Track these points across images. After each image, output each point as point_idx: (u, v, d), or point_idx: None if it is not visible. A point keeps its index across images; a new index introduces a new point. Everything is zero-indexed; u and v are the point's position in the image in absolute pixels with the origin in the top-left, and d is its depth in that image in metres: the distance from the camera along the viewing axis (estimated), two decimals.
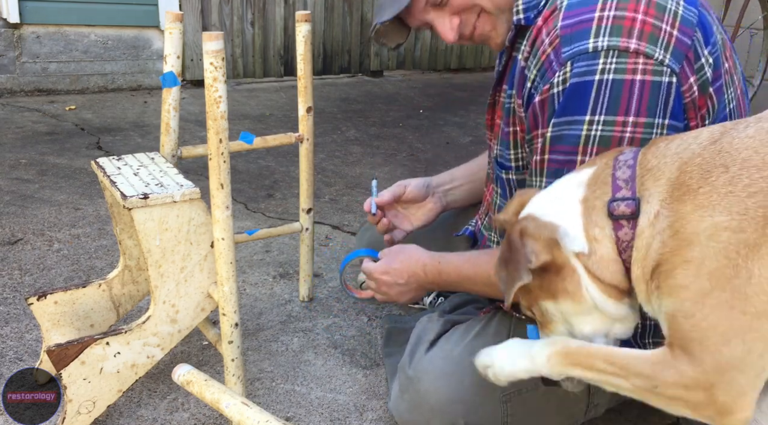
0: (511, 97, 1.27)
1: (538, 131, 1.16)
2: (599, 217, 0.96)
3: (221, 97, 1.24)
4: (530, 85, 1.16)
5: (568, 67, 1.08)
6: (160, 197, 1.32)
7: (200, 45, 4.74)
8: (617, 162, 0.98)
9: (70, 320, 1.50)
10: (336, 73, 5.53)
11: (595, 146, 1.09)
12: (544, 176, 1.16)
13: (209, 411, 1.49)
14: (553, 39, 1.11)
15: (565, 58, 1.09)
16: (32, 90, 4.35)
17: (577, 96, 1.08)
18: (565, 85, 1.09)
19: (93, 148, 3.34)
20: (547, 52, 1.12)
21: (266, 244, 2.36)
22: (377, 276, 1.45)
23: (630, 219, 0.93)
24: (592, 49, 1.07)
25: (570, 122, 1.10)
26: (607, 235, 0.95)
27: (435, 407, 1.28)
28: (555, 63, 1.10)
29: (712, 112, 1.13)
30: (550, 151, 1.14)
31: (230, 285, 1.36)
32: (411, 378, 1.33)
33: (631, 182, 0.94)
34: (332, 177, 3.14)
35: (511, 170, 1.32)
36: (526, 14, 1.21)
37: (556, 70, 1.10)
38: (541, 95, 1.13)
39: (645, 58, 1.05)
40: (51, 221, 2.43)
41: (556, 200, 1.01)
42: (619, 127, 1.07)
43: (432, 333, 1.43)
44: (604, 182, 0.97)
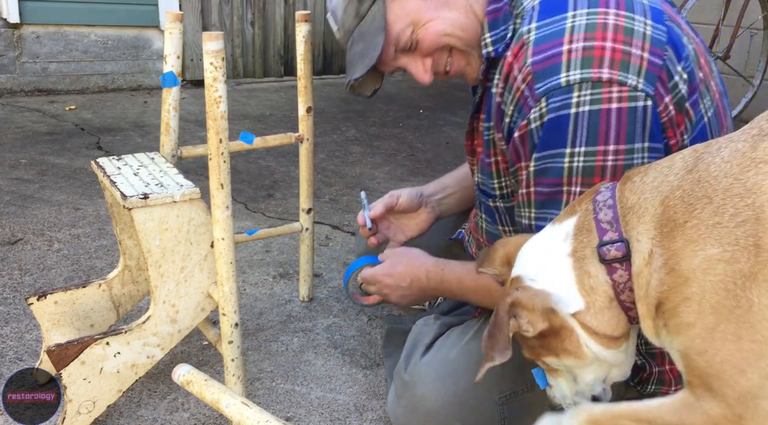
0: (489, 129, 1.28)
1: (521, 163, 1.17)
2: (591, 265, 0.95)
3: (221, 97, 1.24)
4: (508, 120, 1.16)
5: (543, 102, 1.08)
6: (160, 197, 1.32)
7: (200, 45, 4.74)
8: (597, 204, 0.97)
9: (70, 320, 1.50)
10: (336, 74, 5.53)
11: (579, 176, 1.09)
12: (532, 207, 1.17)
13: (209, 411, 1.49)
14: (526, 75, 1.11)
15: (539, 94, 1.08)
16: (32, 90, 4.35)
17: (555, 130, 1.08)
18: (543, 120, 1.09)
19: (93, 148, 3.34)
20: (521, 88, 1.12)
21: (266, 244, 2.36)
22: (380, 278, 1.45)
23: (623, 261, 0.93)
24: (564, 83, 1.06)
25: (552, 156, 1.10)
26: (601, 281, 0.95)
27: (431, 411, 1.28)
28: (530, 99, 1.10)
29: (690, 127, 1.13)
30: (535, 184, 1.14)
31: (230, 285, 1.36)
32: (407, 382, 1.33)
33: (615, 224, 0.94)
34: (332, 177, 3.14)
35: (496, 198, 1.33)
36: (495, 47, 1.21)
37: (531, 105, 1.10)
38: (519, 130, 1.13)
39: (618, 86, 1.05)
40: (51, 221, 2.43)
41: (544, 261, 1.00)
42: (600, 156, 1.07)
43: (428, 336, 1.42)
44: (588, 228, 0.97)
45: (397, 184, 3.09)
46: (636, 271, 0.91)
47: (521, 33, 1.14)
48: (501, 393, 1.30)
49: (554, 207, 1.13)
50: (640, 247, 0.91)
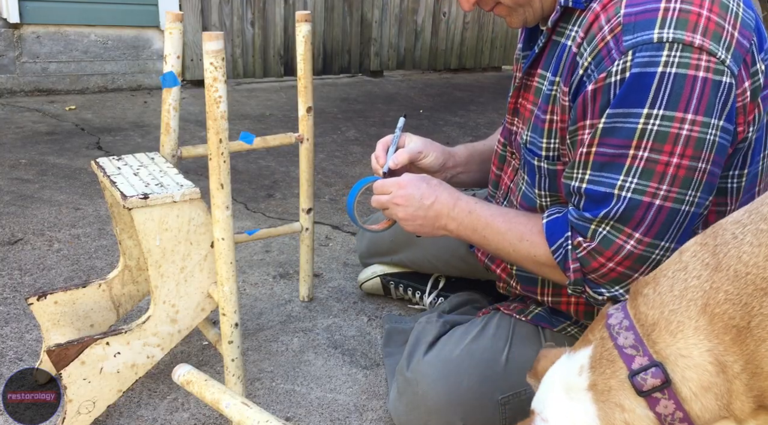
0: (553, 83, 1.21)
1: (586, 121, 1.11)
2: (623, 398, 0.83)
3: (221, 97, 1.24)
4: (582, 72, 1.10)
5: (629, 56, 1.03)
6: (160, 197, 1.32)
7: (200, 45, 4.74)
8: (612, 329, 0.87)
9: (70, 320, 1.50)
10: (336, 73, 5.53)
11: (651, 141, 1.04)
12: (588, 169, 1.11)
13: (209, 411, 1.49)
14: (615, 26, 1.06)
15: (626, 47, 1.04)
16: (32, 90, 4.35)
17: (636, 87, 1.03)
18: (624, 74, 1.04)
19: (93, 148, 3.34)
20: (606, 39, 1.07)
21: (266, 244, 2.36)
22: (392, 188, 1.34)
23: (664, 389, 0.81)
24: (656, 39, 1.02)
25: (626, 115, 1.05)
26: (640, 416, 0.82)
27: (433, 409, 1.28)
28: (614, 51, 1.05)
29: (757, 120, 1.10)
30: (600, 143, 1.09)
31: (230, 285, 1.36)
32: (409, 380, 1.33)
33: (641, 346, 0.83)
34: (332, 177, 3.14)
35: (542, 158, 1.27)
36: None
37: (615, 58, 1.05)
38: (594, 84, 1.08)
39: (708, 56, 1.02)
40: (51, 221, 2.43)
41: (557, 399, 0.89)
42: (677, 123, 1.03)
43: (430, 334, 1.42)
44: (609, 358, 0.86)
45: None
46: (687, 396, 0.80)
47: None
48: (503, 394, 1.30)
49: (613, 171, 1.08)
50: (690, 362, 0.80)
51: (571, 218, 1.17)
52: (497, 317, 1.41)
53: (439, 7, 5.95)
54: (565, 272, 1.19)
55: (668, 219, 1.08)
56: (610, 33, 1.06)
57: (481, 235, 1.30)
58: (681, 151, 1.04)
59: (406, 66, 5.92)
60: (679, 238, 1.11)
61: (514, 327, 1.38)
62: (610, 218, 1.10)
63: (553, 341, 1.37)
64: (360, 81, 5.57)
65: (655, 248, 1.10)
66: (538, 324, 1.39)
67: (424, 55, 5.97)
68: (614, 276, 1.13)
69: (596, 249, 1.12)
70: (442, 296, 1.87)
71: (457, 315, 1.56)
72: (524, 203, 1.34)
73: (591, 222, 1.12)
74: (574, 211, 1.16)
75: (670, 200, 1.07)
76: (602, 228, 1.11)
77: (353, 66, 5.59)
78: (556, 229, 1.19)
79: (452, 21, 6.06)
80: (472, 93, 5.30)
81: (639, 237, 1.09)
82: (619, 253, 1.11)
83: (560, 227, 1.19)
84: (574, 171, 1.15)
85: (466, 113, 4.56)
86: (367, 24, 5.55)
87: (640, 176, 1.07)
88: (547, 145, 1.25)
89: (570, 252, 1.16)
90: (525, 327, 1.39)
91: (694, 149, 1.04)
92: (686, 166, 1.05)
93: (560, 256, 1.18)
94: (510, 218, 1.28)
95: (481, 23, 6.24)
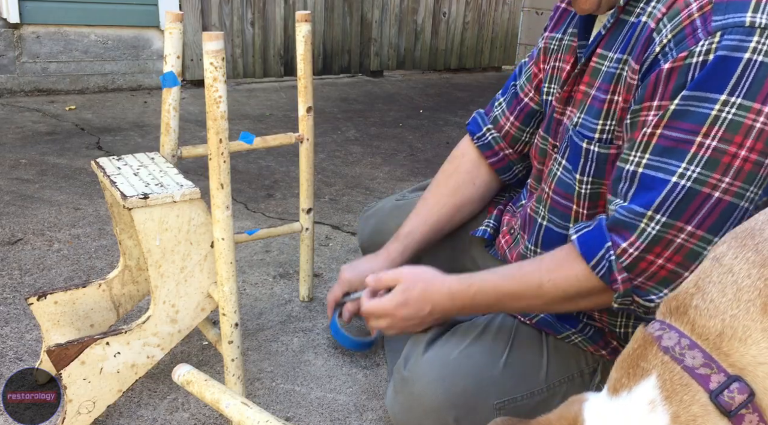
0: (620, 62, 1.15)
1: (653, 102, 1.05)
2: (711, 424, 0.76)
3: (221, 97, 1.24)
4: (659, 50, 1.04)
5: (717, 37, 0.98)
6: (160, 197, 1.32)
7: (200, 45, 4.74)
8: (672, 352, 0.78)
9: (70, 320, 1.50)
10: (336, 73, 5.53)
11: (722, 130, 0.99)
12: (648, 153, 1.05)
13: (209, 411, 1.49)
14: (705, 4, 1.01)
15: (715, 28, 0.98)
16: (32, 90, 4.35)
17: (719, 71, 0.98)
18: (708, 56, 0.98)
19: (93, 148, 3.34)
20: (693, 16, 1.01)
21: (266, 244, 2.36)
22: (392, 311, 1.30)
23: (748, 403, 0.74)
24: (749, 23, 0.96)
25: (702, 99, 1.00)
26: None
27: (428, 409, 1.27)
28: (701, 31, 0.99)
29: None
30: (666, 126, 1.03)
31: (230, 285, 1.36)
32: (405, 379, 1.32)
33: (713, 362, 0.76)
34: (332, 177, 3.14)
35: (593, 140, 1.19)
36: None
37: (700, 38, 0.99)
38: (672, 63, 1.02)
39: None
40: (51, 221, 2.43)
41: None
42: (753, 114, 0.98)
43: (430, 332, 1.41)
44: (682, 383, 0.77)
45: (397, 184, 3.09)
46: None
47: None
48: (499, 399, 1.28)
49: (676, 157, 1.02)
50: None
51: (617, 216, 1.08)
52: (500, 318, 1.40)
53: (439, 7, 5.95)
54: (611, 285, 1.10)
55: (724, 214, 1.02)
56: (699, 11, 1.01)
57: (499, 306, 1.25)
58: (751, 144, 0.98)
59: (406, 66, 5.92)
60: None
61: (516, 330, 1.36)
62: (665, 209, 1.03)
63: (555, 347, 1.36)
64: (360, 81, 5.57)
65: (708, 244, 1.04)
66: (542, 329, 1.37)
67: (424, 55, 5.97)
68: (664, 275, 1.06)
69: (644, 249, 1.05)
70: None
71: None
72: (559, 189, 1.28)
73: (642, 217, 1.05)
74: (620, 206, 1.08)
75: (730, 193, 1.01)
76: (653, 224, 1.04)
77: (353, 66, 5.59)
78: (593, 242, 1.11)
79: (452, 21, 6.06)
80: (472, 93, 5.30)
81: (691, 230, 1.03)
82: (668, 247, 1.04)
83: (598, 238, 1.10)
84: (631, 153, 1.07)
85: (466, 113, 4.56)
86: (367, 24, 5.55)
87: (704, 166, 1.00)
88: (602, 126, 1.18)
89: (614, 263, 1.08)
90: (528, 330, 1.36)
91: (765, 144, 0.98)
92: (753, 160, 0.99)
93: (603, 269, 1.09)
94: (516, 274, 1.21)
95: (481, 23, 6.25)
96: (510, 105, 1.55)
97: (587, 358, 1.36)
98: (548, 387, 1.33)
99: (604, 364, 1.37)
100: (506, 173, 1.59)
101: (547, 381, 1.32)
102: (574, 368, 1.35)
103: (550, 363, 1.34)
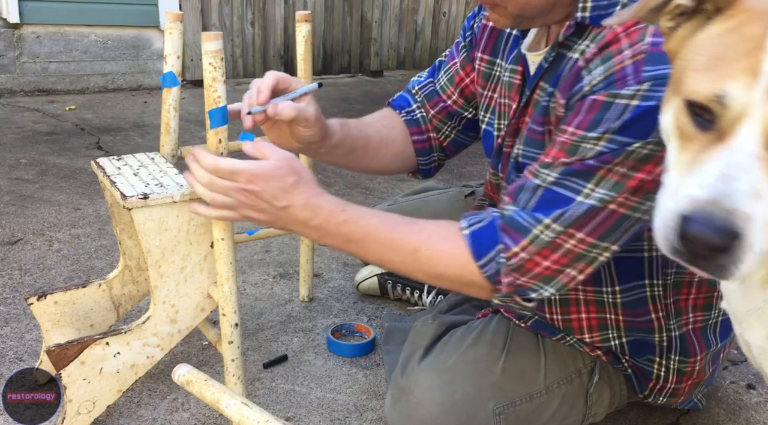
0: (551, 95, 1.18)
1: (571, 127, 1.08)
2: None
3: (221, 98, 1.24)
4: (588, 89, 1.08)
5: (645, 87, 1.01)
6: (160, 197, 1.32)
7: (200, 45, 4.74)
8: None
9: (70, 320, 1.50)
10: (336, 73, 5.53)
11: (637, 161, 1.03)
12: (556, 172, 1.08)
13: (209, 411, 1.49)
14: (638, 53, 1.03)
15: (645, 78, 1.01)
16: (32, 90, 4.35)
17: (643, 121, 1.01)
18: (634, 103, 1.02)
19: (93, 148, 3.34)
20: (624, 63, 1.04)
21: (266, 244, 2.36)
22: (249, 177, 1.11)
23: None
24: None
25: (621, 143, 1.02)
26: None
27: (426, 418, 1.26)
28: (631, 78, 1.03)
29: None
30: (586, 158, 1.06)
31: (230, 285, 1.36)
32: (403, 387, 1.31)
33: None
34: (332, 177, 3.14)
35: None
36: (592, 14, 1.12)
37: (629, 84, 1.03)
38: (599, 96, 1.05)
39: None
40: (51, 221, 2.43)
41: None
42: None
43: (426, 338, 1.40)
44: None
45: (397, 184, 3.09)
46: None
47: None
48: (497, 404, 1.28)
49: (584, 179, 1.06)
50: None
51: (514, 217, 1.10)
52: (495, 322, 1.39)
53: (439, 7, 5.95)
54: (495, 286, 1.12)
55: (617, 223, 1.06)
56: (632, 58, 1.04)
57: (358, 248, 1.17)
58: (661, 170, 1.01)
59: (406, 66, 5.92)
60: (622, 242, 1.09)
61: (511, 333, 1.36)
62: (562, 220, 1.06)
63: (552, 349, 1.36)
64: (360, 81, 5.57)
65: (595, 248, 1.08)
66: (538, 332, 1.37)
67: (424, 55, 5.97)
68: (547, 274, 1.10)
69: (534, 252, 1.08)
70: (441, 294, 1.86)
71: (454, 315, 1.54)
72: None
73: (539, 223, 1.08)
74: (521, 210, 1.10)
75: (625, 206, 1.06)
76: (547, 232, 1.07)
77: (353, 66, 5.59)
78: (485, 240, 1.12)
79: (452, 21, 6.06)
80: None
81: (581, 236, 1.07)
82: (557, 251, 1.08)
83: (491, 238, 1.12)
84: (542, 171, 1.10)
85: None
86: (367, 24, 5.55)
87: (610, 188, 1.05)
88: None
89: (503, 266, 1.10)
90: (523, 334, 1.37)
91: None
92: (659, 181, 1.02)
93: (491, 270, 1.11)
94: (401, 226, 1.16)
95: None
96: (430, 100, 1.56)
97: (584, 358, 1.36)
98: (547, 389, 1.32)
99: (600, 364, 1.37)
100: (425, 156, 1.57)
101: (546, 383, 1.32)
102: (571, 368, 1.35)
103: (548, 364, 1.34)
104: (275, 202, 1.13)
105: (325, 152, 1.40)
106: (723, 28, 0.76)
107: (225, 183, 1.13)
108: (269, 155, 1.14)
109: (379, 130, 1.50)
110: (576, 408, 1.35)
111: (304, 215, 1.14)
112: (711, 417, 1.57)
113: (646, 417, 1.54)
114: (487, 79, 1.43)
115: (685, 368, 1.34)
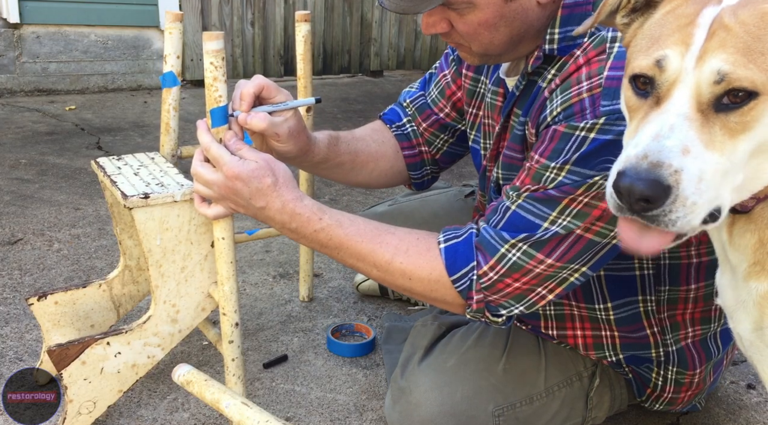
0: (524, 124, 1.20)
1: (536, 155, 1.11)
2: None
3: (221, 98, 1.24)
4: (549, 119, 1.10)
5: (602, 121, 1.03)
6: (161, 196, 1.32)
7: (200, 45, 4.74)
8: None
9: (70, 320, 1.50)
10: (336, 73, 5.53)
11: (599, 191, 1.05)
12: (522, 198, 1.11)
13: (209, 411, 1.49)
14: (594, 87, 1.05)
15: (602, 113, 1.03)
16: (32, 90, 4.35)
17: (600, 152, 1.03)
18: (592, 135, 1.04)
19: (93, 148, 3.34)
20: (582, 96, 1.06)
21: (266, 244, 2.36)
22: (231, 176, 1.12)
23: None
24: None
25: (582, 174, 1.05)
26: None
27: (426, 419, 1.26)
28: (588, 112, 1.04)
29: None
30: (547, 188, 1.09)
31: (230, 285, 1.36)
32: (402, 388, 1.31)
33: None
34: None
35: None
36: (560, 44, 1.13)
37: (587, 118, 1.04)
38: (560, 127, 1.08)
39: None
40: (51, 221, 2.43)
41: None
42: None
43: (426, 338, 1.40)
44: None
45: None
46: None
47: (604, 38, 1.07)
48: (497, 405, 1.28)
49: (549, 207, 1.08)
50: None
51: (483, 235, 1.13)
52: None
53: None
54: (466, 301, 1.15)
55: (585, 248, 1.09)
56: (588, 92, 1.06)
57: (333, 254, 1.19)
58: None
59: (406, 66, 5.92)
60: (593, 264, 1.11)
61: (512, 335, 1.36)
62: (529, 242, 1.09)
63: (552, 351, 1.36)
64: (360, 81, 5.57)
65: (563, 270, 1.11)
66: (539, 335, 1.37)
67: (424, 55, 5.97)
68: (517, 293, 1.13)
69: (504, 274, 1.11)
70: None
71: (454, 316, 1.54)
72: None
73: (505, 243, 1.10)
74: (490, 228, 1.13)
75: (592, 232, 1.08)
76: (514, 251, 1.10)
77: (353, 66, 5.59)
78: (459, 256, 1.14)
79: None
80: None
81: (551, 262, 1.09)
82: (527, 275, 1.11)
83: (466, 254, 1.14)
84: (512, 194, 1.13)
85: None
86: (367, 24, 5.55)
87: (574, 217, 1.07)
88: None
89: (474, 283, 1.13)
90: (524, 336, 1.37)
91: None
92: None
93: (464, 286, 1.14)
94: (379, 236, 1.17)
95: None
96: (422, 113, 1.56)
97: (585, 361, 1.36)
98: (547, 391, 1.32)
99: (601, 367, 1.37)
100: (417, 170, 1.58)
101: (546, 385, 1.32)
102: (572, 371, 1.35)
103: (549, 367, 1.34)
104: (253, 202, 1.15)
105: (307, 166, 1.42)
106: (663, 12, 0.84)
107: (208, 177, 1.16)
108: (246, 155, 1.15)
109: (369, 144, 1.51)
110: (576, 411, 1.35)
111: (281, 218, 1.17)
112: (711, 417, 1.57)
113: (645, 417, 1.54)
114: (471, 97, 1.44)
115: (683, 379, 1.34)
